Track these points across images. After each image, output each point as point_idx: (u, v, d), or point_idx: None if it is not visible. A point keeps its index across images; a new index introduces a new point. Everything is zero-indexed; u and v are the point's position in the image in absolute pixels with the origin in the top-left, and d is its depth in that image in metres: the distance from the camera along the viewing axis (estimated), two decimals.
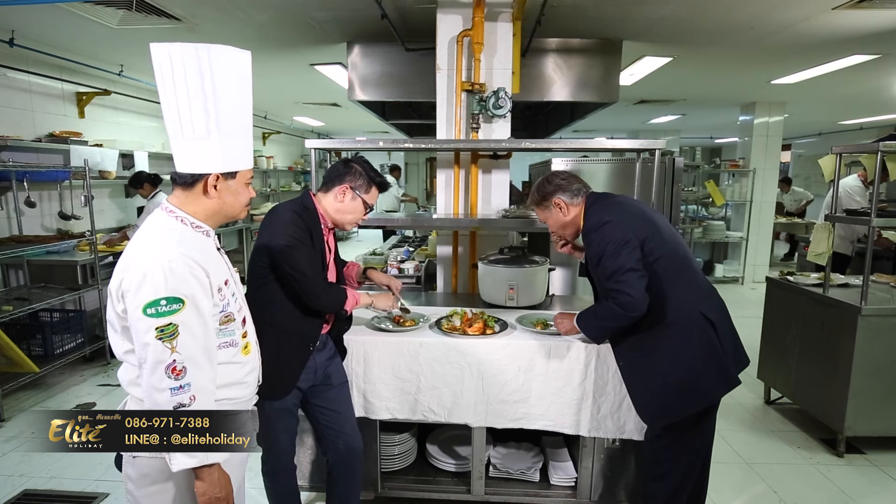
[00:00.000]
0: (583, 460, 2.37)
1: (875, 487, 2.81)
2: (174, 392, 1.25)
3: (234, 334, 1.45)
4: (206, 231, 1.42)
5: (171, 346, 1.24)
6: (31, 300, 3.90)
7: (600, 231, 1.94)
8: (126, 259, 1.31)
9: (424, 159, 14.04)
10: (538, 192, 2.13)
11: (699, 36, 4.27)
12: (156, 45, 1.31)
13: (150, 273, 1.25)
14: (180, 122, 1.32)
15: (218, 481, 1.31)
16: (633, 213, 1.99)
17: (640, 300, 1.86)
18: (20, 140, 4.26)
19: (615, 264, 1.88)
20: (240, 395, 1.49)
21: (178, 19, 3.79)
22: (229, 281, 1.45)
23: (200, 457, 1.26)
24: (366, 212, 2.03)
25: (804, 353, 3.36)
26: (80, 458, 3.05)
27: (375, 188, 2.00)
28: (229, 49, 1.33)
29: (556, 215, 2.11)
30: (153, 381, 1.25)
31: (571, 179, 2.10)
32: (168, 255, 1.27)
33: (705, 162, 9.40)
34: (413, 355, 2.24)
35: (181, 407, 1.25)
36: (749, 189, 7.69)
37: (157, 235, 1.34)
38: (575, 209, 2.08)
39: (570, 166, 3.70)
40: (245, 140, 1.42)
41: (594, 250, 1.96)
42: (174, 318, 1.25)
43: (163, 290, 1.24)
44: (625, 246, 1.88)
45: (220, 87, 1.32)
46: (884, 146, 2.84)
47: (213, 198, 1.39)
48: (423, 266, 3.73)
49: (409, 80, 4.21)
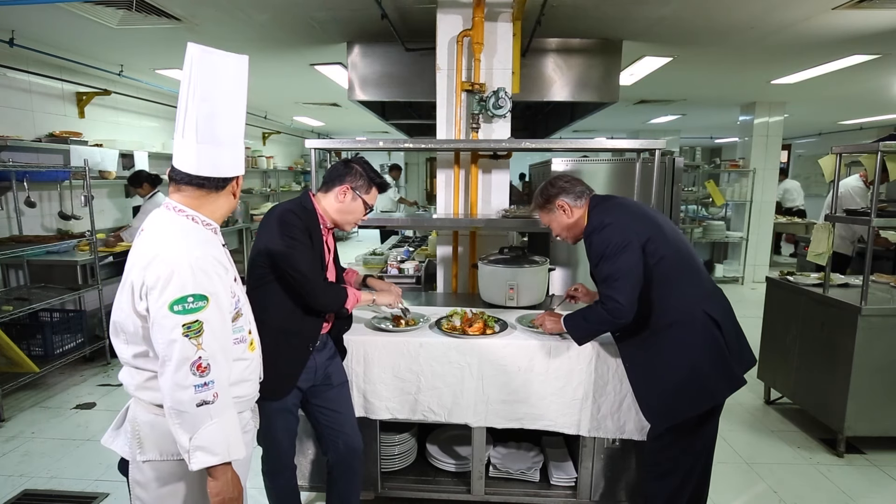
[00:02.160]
0: (583, 460, 2.37)
1: (875, 487, 2.81)
2: (198, 389, 1.24)
3: (243, 330, 1.46)
4: (214, 229, 1.44)
5: (197, 342, 1.24)
6: (31, 300, 3.89)
7: (601, 233, 1.94)
8: (145, 257, 1.28)
9: (424, 159, 14.03)
10: (542, 195, 2.13)
11: (699, 36, 4.27)
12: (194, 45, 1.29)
13: (178, 270, 1.25)
14: (212, 127, 1.32)
15: (231, 481, 1.31)
16: (636, 214, 2.00)
17: (627, 308, 1.87)
18: (20, 140, 4.26)
19: (611, 268, 1.89)
20: (245, 393, 1.49)
21: (178, 19, 3.79)
22: (237, 278, 1.47)
23: (222, 455, 1.26)
24: (366, 212, 2.03)
25: (804, 353, 3.36)
26: (80, 458, 3.05)
27: (376, 189, 2.01)
28: (243, 57, 1.37)
29: (559, 218, 2.11)
30: (177, 379, 1.23)
31: (575, 182, 2.10)
32: (194, 252, 1.29)
33: (705, 162, 9.39)
34: (413, 355, 2.24)
35: (204, 404, 1.25)
36: (749, 189, 7.70)
37: (178, 233, 1.33)
38: (579, 211, 2.08)
39: (570, 166, 3.70)
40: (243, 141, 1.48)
41: (594, 251, 1.96)
42: (200, 315, 1.25)
43: (190, 286, 1.25)
44: (624, 249, 1.88)
45: (243, 95, 1.38)
46: (884, 146, 2.84)
47: (236, 198, 1.46)
48: (423, 266, 3.73)
49: (409, 80, 4.21)
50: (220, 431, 1.26)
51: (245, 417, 1.50)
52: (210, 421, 1.25)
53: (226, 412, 1.29)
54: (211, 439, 1.25)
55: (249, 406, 1.53)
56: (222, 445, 1.26)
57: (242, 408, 1.48)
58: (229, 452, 1.28)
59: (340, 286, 2.01)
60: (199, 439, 1.25)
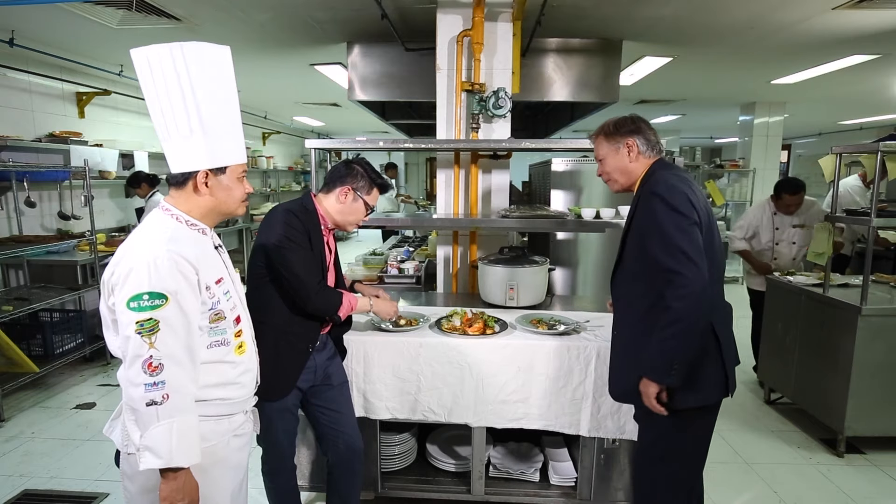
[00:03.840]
0: (583, 460, 2.37)
1: (875, 487, 2.81)
2: (148, 388, 1.23)
3: (226, 333, 1.44)
4: (201, 229, 1.43)
5: (149, 341, 1.24)
6: (31, 300, 3.89)
7: (674, 197, 1.67)
8: (118, 254, 1.33)
9: (424, 159, 14.04)
10: (615, 125, 1.86)
11: (699, 36, 4.27)
12: (135, 50, 1.34)
13: (136, 268, 1.26)
14: (165, 123, 1.35)
15: (183, 487, 1.28)
16: (704, 209, 1.76)
17: (695, 276, 1.60)
18: (20, 140, 4.26)
19: (686, 241, 1.62)
20: (233, 396, 1.46)
21: (178, 19, 3.79)
22: (224, 280, 1.45)
23: (166, 458, 1.24)
24: (367, 213, 2.03)
25: (804, 353, 3.36)
26: (80, 458, 3.05)
27: (377, 189, 2.02)
28: (204, 45, 1.35)
29: (620, 156, 1.84)
30: (130, 375, 1.25)
31: (653, 130, 1.86)
32: (155, 251, 1.29)
33: (705, 162, 9.38)
34: (413, 355, 2.24)
35: (153, 404, 1.23)
36: (749, 189, 7.70)
37: (150, 232, 1.36)
38: (643, 161, 1.83)
39: (570, 166, 3.70)
40: (232, 134, 1.43)
41: (659, 219, 1.67)
42: (155, 313, 1.25)
43: (146, 284, 1.25)
44: (692, 226, 1.65)
45: (198, 85, 1.33)
46: (884, 146, 2.84)
47: (205, 195, 1.41)
48: (423, 266, 3.73)
49: (409, 80, 4.22)
50: (165, 434, 1.24)
51: (237, 420, 1.49)
52: (157, 422, 1.23)
53: (178, 415, 1.25)
54: (157, 441, 1.23)
55: (242, 409, 1.51)
56: (165, 449, 1.23)
57: (233, 410, 1.47)
58: (172, 457, 1.24)
59: (337, 291, 1.99)
60: (147, 439, 1.24)
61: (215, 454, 1.41)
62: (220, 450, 1.43)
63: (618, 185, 1.90)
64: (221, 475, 1.45)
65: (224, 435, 1.44)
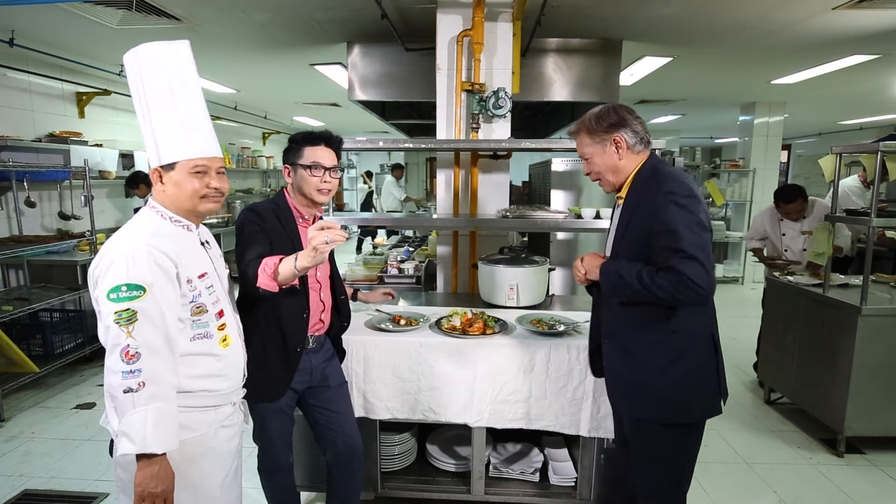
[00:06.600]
0: (583, 460, 2.37)
1: (875, 487, 2.81)
2: (125, 376, 1.27)
3: (209, 326, 1.48)
4: (186, 226, 1.49)
5: (127, 330, 1.28)
6: (31, 300, 3.90)
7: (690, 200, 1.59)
8: (103, 249, 1.38)
9: (424, 159, 14.02)
10: (597, 118, 1.71)
11: (699, 36, 4.27)
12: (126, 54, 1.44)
13: (116, 261, 1.32)
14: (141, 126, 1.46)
15: (157, 475, 1.29)
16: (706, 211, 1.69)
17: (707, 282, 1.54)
18: (20, 140, 4.26)
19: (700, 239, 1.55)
20: (219, 388, 1.50)
21: (178, 19, 3.79)
22: (207, 275, 1.49)
23: (140, 444, 1.27)
24: (319, 174, 1.85)
25: (804, 353, 3.36)
26: (80, 457, 3.05)
27: (306, 148, 1.87)
28: (158, 45, 1.42)
29: (608, 153, 1.71)
30: (109, 363, 1.29)
31: (642, 123, 1.72)
32: (134, 245, 1.34)
33: (705, 162, 9.40)
34: (413, 355, 2.24)
35: (130, 391, 1.27)
36: (749, 189, 7.71)
37: (133, 228, 1.43)
38: (633, 157, 1.71)
39: (570, 166, 3.70)
40: (183, 129, 1.43)
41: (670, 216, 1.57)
42: (133, 304, 1.30)
43: (124, 276, 1.31)
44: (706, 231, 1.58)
45: (149, 84, 1.41)
46: (884, 146, 2.84)
47: (161, 191, 1.46)
48: (423, 266, 3.73)
49: (409, 80, 4.21)
50: (140, 420, 1.27)
51: (225, 412, 1.53)
52: (133, 409, 1.27)
53: (153, 403, 1.28)
54: (132, 427, 1.27)
55: (229, 400, 1.55)
56: (140, 435, 1.26)
57: (219, 402, 1.51)
58: (146, 444, 1.27)
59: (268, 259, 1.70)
60: (124, 425, 1.28)
61: (203, 444, 1.45)
62: (207, 440, 1.47)
63: (610, 186, 1.79)
64: (210, 465, 1.48)
65: (211, 426, 1.48)
